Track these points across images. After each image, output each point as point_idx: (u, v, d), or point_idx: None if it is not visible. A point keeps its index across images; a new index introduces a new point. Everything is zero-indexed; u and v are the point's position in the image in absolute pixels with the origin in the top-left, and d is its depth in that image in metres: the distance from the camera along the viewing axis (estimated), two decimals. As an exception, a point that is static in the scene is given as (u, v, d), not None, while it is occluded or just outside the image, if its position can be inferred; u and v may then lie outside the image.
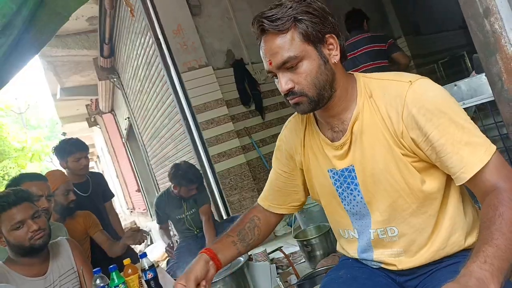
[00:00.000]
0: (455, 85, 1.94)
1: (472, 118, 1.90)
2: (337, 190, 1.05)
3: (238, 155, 4.01)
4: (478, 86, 1.85)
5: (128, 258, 1.72)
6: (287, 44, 0.92)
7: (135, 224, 9.86)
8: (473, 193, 0.92)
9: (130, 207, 11.10)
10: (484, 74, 1.76)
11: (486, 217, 0.81)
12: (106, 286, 1.62)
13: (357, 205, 1.03)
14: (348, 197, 1.04)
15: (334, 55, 0.95)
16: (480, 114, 1.88)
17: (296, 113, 1.13)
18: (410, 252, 0.99)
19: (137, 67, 5.21)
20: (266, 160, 4.19)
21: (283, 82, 0.95)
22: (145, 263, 1.75)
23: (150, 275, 1.73)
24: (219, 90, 3.97)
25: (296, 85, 0.94)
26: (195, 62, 3.91)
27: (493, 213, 0.80)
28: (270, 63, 0.95)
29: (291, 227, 3.10)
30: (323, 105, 0.97)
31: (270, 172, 1.24)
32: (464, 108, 1.89)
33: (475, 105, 1.84)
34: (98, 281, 1.63)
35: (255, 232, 1.21)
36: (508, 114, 0.93)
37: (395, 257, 1.01)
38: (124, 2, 4.27)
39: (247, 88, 4.15)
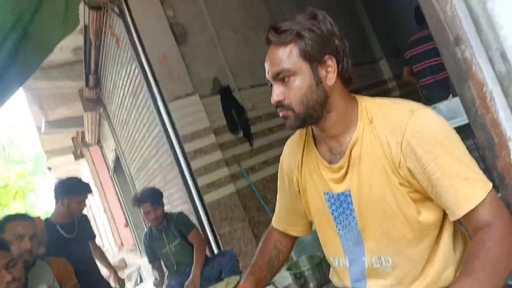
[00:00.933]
0: (435, 108, 1.93)
1: None
2: (333, 214, 1.05)
3: (227, 184, 3.90)
4: (456, 108, 1.87)
5: None
6: (285, 56, 0.95)
7: (124, 262, 9.52)
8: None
9: (118, 244, 10.75)
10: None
11: (473, 251, 0.83)
12: None
13: (351, 231, 1.03)
14: (343, 221, 1.04)
15: (330, 78, 0.96)
16: (460, 135, 1.88)
17: (297, 132, 1.16)
18: (403, 284, 0.98)
19: (123, 97, 5.13)
20: (256, 188, 4.08)
21: (275, 93, 0.97)
22: None
23: None
24: (206, 119, 3.89)
25: (286, 98, 0.97)
26: (181, 91, 3.85)
27: (479, 247, 0.82)
28: (268, 72, 0.98)
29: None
30: (311, 124, 1.00)
31: (278, 192, 1.25)
32: None
33: (455, 127, 1.84)
34: None
35: (280, 259, 1.24)
36: (483, 138, 0.95)
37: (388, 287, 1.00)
38: (109, 32, 4.22)
39: (234, 115, 4.09)
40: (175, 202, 4.58)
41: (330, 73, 0.96)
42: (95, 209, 12.29)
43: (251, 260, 3.99)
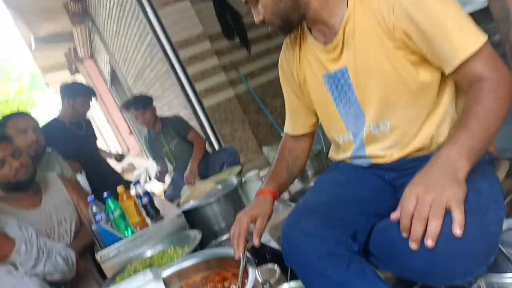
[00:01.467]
0: None
1: None
2: (332, 94, 1.08)
3: (226, 89, 4.00)
4: None
5: (122, 185, 1.78)
6: None
7: (133, 166, 10.09)
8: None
9: (125, 150, 11.27)
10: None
11: (466, 105, 0.84)
12: (103, 213, 1.69)
13: (352, 106, 1.05)
14: (343, 99, 1.06)
15: None
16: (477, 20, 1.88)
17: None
18: (401, 143, 1.01)
19: (110, 9, 5.03)
20: (255, 93, 4.17)
21: (255, 15, 1.03)
22: (139, 189, 1.86)
23: (145, 200, 1.84)
24: (199, 24, 3.87)
25: (263, 16, 1.02)
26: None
27: (472, 100, 0.82)
28: None
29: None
30: (297, 25, 1.04)
31: (284, 96, 1.27)
32: None
33: (467, 13, 1.84)
34: (94, 209, 1.69)
35: (298, 163, 1.27)
36: (499, 10, 0.93)
37: (386, 150, 1.04)
38: None
39: (229, 21, 4.02)
40: (175, 108, 4.76)
41: None
42: (99, 121, 12.60)
43: (253, 156, 4.32)
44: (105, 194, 1.72)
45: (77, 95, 2.83)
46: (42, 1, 5.68)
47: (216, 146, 4.07)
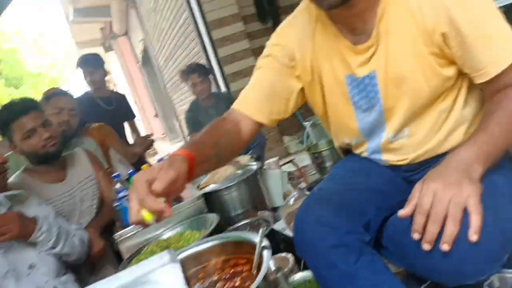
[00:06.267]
0: None
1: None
2: (352, 99, 0.98)
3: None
4: None
5: (146, 164, 1.76)
6: None
7: (154, 149, 10.14)
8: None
9: (149, 133, 11.35)
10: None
11: (488, 110, 0.83)
12: (126, 190, 1.66)
13: (373, 113, 0.98)
14: (364, 105, 0.98)
15: None
16: (508, 15, 1.83)
17: (296, 14, 1.03)
18: (417, 148, 0.99)
19: (150, -18, 4.98)
20: None
21: None
22: None
23: None
24: (235, 4, 3.80)
25: None
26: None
27: (496, 106, 0.81)
28: None
29: (304, 143, 3.12)
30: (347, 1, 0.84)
31: (254, 75, 1.07)
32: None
33: (505, 5, 1.86)
34: (118, 185, 1.68)
35: (227, 149, 1.01)
36: None
37: (403, 155, 1.01)
38: None
39: (265, 2, 3.96)
40: (202, 91, 4.69)
41: None
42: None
43: (273, 145, 4.16)
44: (130, 170, 1.71)
45: (87, 65, 2.80)
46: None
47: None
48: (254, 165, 2.09)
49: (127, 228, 1.60)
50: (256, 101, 1.05)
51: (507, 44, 0.82)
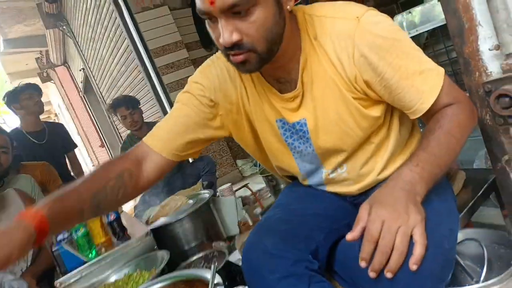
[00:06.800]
0: (410, 12, 1.99)
1: (424, 44, 1.98)
2: (286, 141, 0.99)
3: None
4: (430, 12, 1.92)
5: None
6: None
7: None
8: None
9: (95, 164, 10.87)
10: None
11: (427, 130, 0.83)
12: (66, 232, 1.56)
13: (308, 155, 0.99)
14: (298, 148, 0.98)
15: (288, 1, 0.79)
16: (432, 40, 1.99)
17: (219, 52, 0.96)
18: (359, 180, 1.01)
19: (87, 11, 4.86)
20: None
21: (228, 32, 0.75)
22: None
23: (112, 217, 1.69)
24: (177, 32, 3.79)
25: (245, 37, 0.76)
26: (149, 1, 3.68)
27: (433, 125, 0.82)
28: (212, 2, 0.73)
29: (257, 166, 3.13)
30: (269, 62, 0.82)
31: (172, 109, 1.02)
32: (417, 35, 1.96)
33: (427, 31, 1.93)
34: None
35: (119, 194, 0.89)
36: (454, 24, 0.95)
37: (346, 187, 1.03)
38: None
39: (207, 30, 3.98)
40: (148, 118, 4.60)
41: None
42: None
43: (227, 169, 4.14)
44: None
45: (20, 93, 2.66)
46: (15, 1, 5.45)
47: (190, 159, 3.91)
48: (207, 193, 2.04)
49: (70, 274, 1.46)
50: (167, 136, 0.98)
51: (431, 77, 0.83)
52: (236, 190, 2.32)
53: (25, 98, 2.66)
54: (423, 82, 0.83)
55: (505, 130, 0.95)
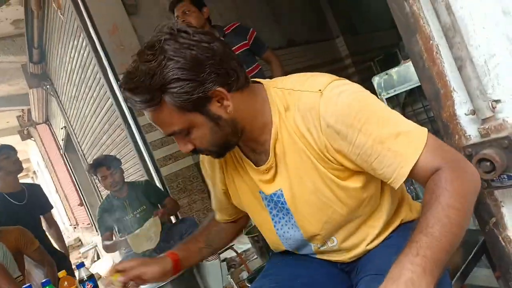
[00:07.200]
0: (387, 74, 2.06)
1: (403, 104, 2.03)
2: (271, 213, 0.98)
3: (186, 157, 3.87)
4: (407, 73, 1.98)
5: (63, 270, 1.59)
6: (166, 118, 0.81)
7: (80, 241, 9.32)
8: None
9: (73, 223, 10.47)
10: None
11: (423, 204, 0.76)
12: None
13: (291, 228, 0.97)
14: (280, 221, 0.98)
15: (227, 106, 0.83)
16: (410, 99, 2.02)
17: None
18: (352, 249, 0.98)
19: (71, 72, 4.92)
20: None
21: (182, 146, 0.88)
22: (83, 273, 1.62)
23: (89, 286, 1.60)
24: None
25: (196, 145, 0.87)
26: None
27: (429, 197, 0.74)
28: (161, 128, 0.85)
29: (243, 226, 3.05)
30: (234, 146, 0.92)
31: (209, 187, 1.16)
32: (395, 95, 1.99)
33: (405, 91, 1.96)
34: None
35: (222, 235, 1.20)
36: (430, 90, 0.97)
37: (338, 255, 1.01)
38: (52, 2, 4.01)
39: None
40: (131, 176, 4.52)
41: (224, 101, 0.83)
42: (46, 189, 11.84)
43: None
44: (44, 280, 1.55)
45: None
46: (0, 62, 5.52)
47: (173, 218, 3.80)
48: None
49: None
50: (220, 211, 1.17)
51: (410, 138, 0.78)
52: (221, 253, 2.24)
53: (3, 158, 2.63)
54: (400, 144, 0.77)
55: (489, 193, 0.96)
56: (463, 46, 0.86)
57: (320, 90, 0.82)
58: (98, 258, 6.10)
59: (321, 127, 0.82)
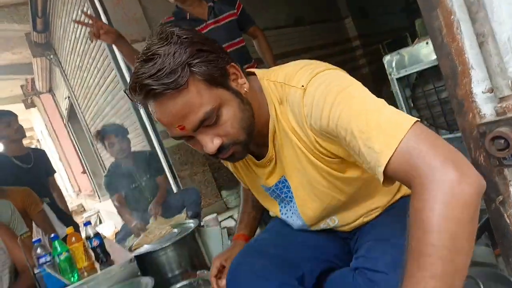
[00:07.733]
0: (398, 53, 2.04)
1: (413, 85, 2.02)
2: (276, 199, 1.04)
3: None
4: (418, 54, 1.95)
5: (71, 227, 1.67)
6: (195, 99, 0.74)
7: (83, 207, 9.53)
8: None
9: (76, 190, 10.67)
10: (425, 41, 1.89)
11: (411, 235, 0.61)
12: (49, 255, 1.58)
13: (294, 215, 1.02)
14: (284, 208, 1.03)
15: (242, 84, 0.82)
16: (421, 80, 2.00)
17: None
18: (351, 223, 1.02)
19: (75, 41, 4.93)
20: None
21: (209, 142, 0.78)
22: (89, 231, 1.72)
23: (96, 243, 1.70)
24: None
25: (224, 138, 0.79)
26: (138, 34, 3.76)
27: (418, 226, 0.60)
28: (182, 128, 0.76)
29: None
30: (253, 138, 0.86)
31: None
32: (406, 75, 1.98)
33: (416, 71, 1.97)
34: (39, 250, 1.59)
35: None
36: (447, 67, 0.95)
37: (339, 228, 1.05)
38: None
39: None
40: (133, 147, 4.59)
41: (239, 79, 0.82)
42: (50, 157, 11.98)
43: (212, 200, 4.16)
44: (52, 235, 1.61)
45: None
46: (3, 30, 5.51)
47: (174, 189, 3.91)
48: (192, 223, 2.07)
49: None
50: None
51: (387, 128, 0.68)
52: (221, 221, 2.36)
53: (4, 127, 2.67)
54: (377, 136, 0.67)
55: (499, 171, 0.92)
56: (487, 22, 0.83)
57: (303, 86, 0.80)
58: (101, 222, 6.29)
59: (307, 124, 0.81)
